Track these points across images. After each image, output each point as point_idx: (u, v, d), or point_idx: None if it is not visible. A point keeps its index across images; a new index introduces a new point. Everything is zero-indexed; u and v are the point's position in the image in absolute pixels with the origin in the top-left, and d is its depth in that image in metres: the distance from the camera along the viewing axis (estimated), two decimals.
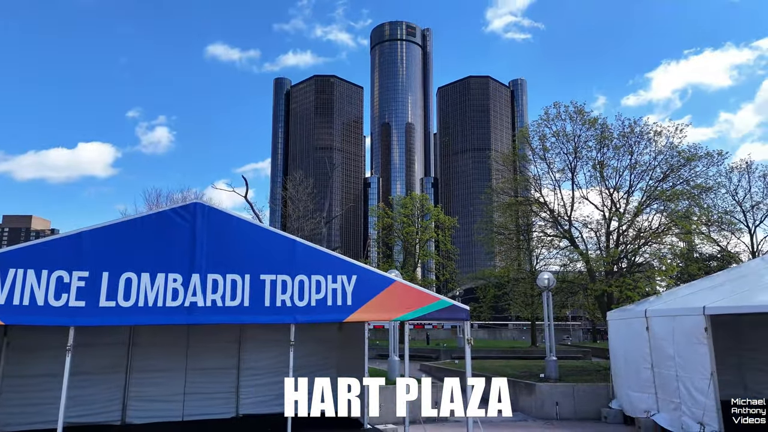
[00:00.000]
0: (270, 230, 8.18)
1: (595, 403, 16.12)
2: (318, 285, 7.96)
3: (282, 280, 7.82)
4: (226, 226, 7.77)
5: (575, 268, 22.93)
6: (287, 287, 7.82)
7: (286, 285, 7.82)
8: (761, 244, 28.34)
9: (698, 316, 11.87)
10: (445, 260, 41.11)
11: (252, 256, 7.75)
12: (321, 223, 25.24)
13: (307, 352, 14.13)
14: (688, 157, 19.09)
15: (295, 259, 7.96)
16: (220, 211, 7.83)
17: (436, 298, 8.53)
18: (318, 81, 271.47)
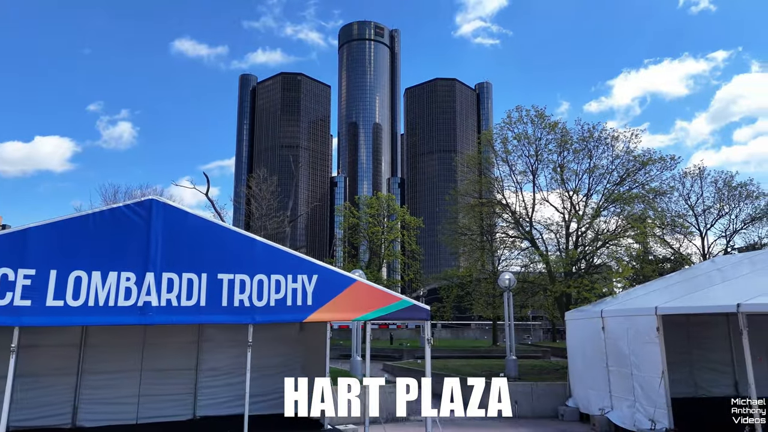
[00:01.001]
0: (229, 228, 8.02)
1: (553, 401, 16.44)
2: (278, 284, 7.84)
3: (240, 280, 7.67)
4: (183, 223, 7.57)
5: (536, 269, 23.39)
6: (246, 287, 7.68)
7: (244, 284, 7.68)
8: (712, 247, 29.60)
9: (651, 316, 12.26)
10: (410, 260, 41.31)
11: (209, 255, 7.58)
12: (285, 222, 24.90)
13: (268, 353, 13.98)
14: (643, 161, 19.78)
15: (255, 258, 7.83)
16: (176, 209, 7.63)
17: (398, 298, 8.54)
18: (285, 78, 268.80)
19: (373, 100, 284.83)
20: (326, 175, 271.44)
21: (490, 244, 25.53)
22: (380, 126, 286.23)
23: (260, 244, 7.99)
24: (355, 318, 8.34)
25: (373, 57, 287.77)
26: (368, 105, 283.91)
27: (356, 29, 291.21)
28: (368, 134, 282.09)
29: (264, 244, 8.03)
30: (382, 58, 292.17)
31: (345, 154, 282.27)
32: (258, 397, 13.81)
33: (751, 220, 29.10)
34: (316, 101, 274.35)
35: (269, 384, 13.99)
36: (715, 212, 28.80)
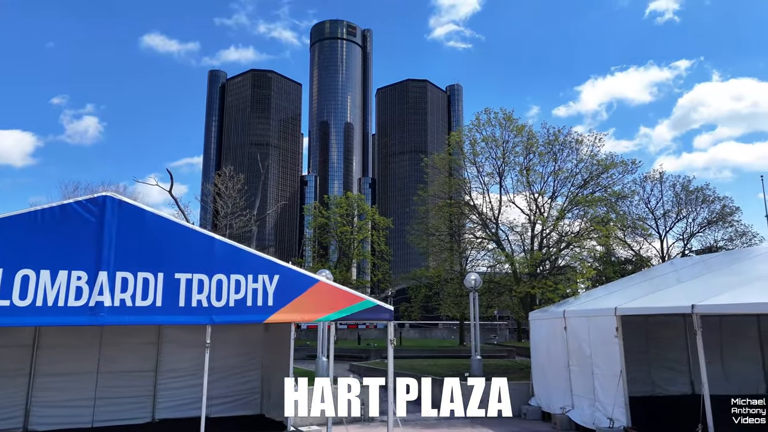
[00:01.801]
0: (187, 227, 7.83)
1: (516, 400, 16.56)
2: (237, 284, 7.69)
3: (199, 279, 7.50)
4: (139, 221, 7.35)
5: (502, 270, 23.68)
6: (204, 286, 7.50)
7: (203, 284, 7.51)
8: (670, 249, 30.55)
9: (610, 316, 12.52)
10: (379, 261, 41.32)
11: (166, 254, 7.38)
12: (251, 220, 24.53)
13: (231, 353, 13.77)
14: (606, 165, 20.28)
15: (214, 258, 7.66)
16: (132, 205, 7.41)
17: (361, 299, 8.49)
18: (255, 75, 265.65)
19: (344, 99, 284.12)
20: (296, 174, 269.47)
21: (458, 244, 25.73)
22: (352, 125, 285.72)
23: (220, 243, 7.82)
24: (317, 319, 8.25)
25: (345, 56, 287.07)
26: (340, 104, 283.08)
27: (328, 28, 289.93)
28: (339, 134, 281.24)
29: (224, 243, 7.87)
30: (354, 57, 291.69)
31: (316, 153, 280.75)
32: (221, 399, 13.61)
33: (707, 223, 30.18)
34: (287, 99, 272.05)
35: (232, 385, 13.80)
36: (674, 216, 29.84)
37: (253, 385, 14.18)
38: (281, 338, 12.91)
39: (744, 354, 15.66)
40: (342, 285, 31.03)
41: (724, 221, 29.52)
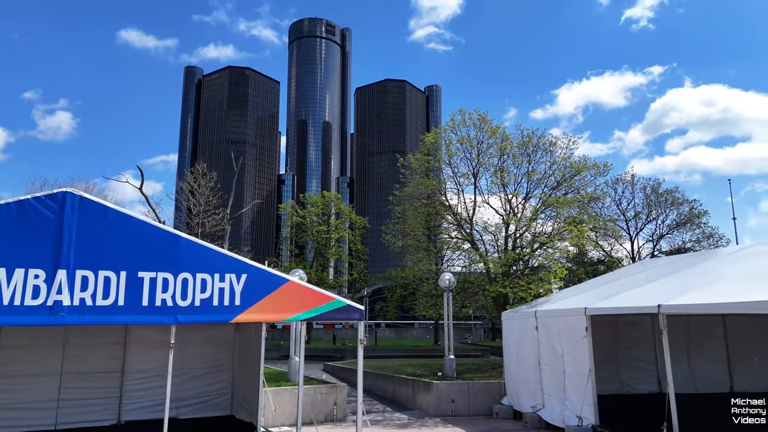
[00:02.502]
0: (152, 224, 7.63)
1: (489, 399, 16.72)
2: (203, 283, 7.52)
3: (163, 278, 7.31)
4: (101, 217, 7.13)
5: (476, 270, 23.83)
6: (169, 285, 7.32)
7: (167, 283, 7.32)
8: (641, 249, 31.18)
9: (580, 316, 12.68)
10: (354, 260, 41.20)
11: (130, 252, 7.17)
12: (224, 219, 24.20)
13: (201, 353, 13.54)
14: (579, 168, 20.56)
15: (179, 256, 7.48)
16: (94, 202, 7.18)
17: (331, 298, 8.40)
18: (232, 72, 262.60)
19: (323, 98, 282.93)
20: (274, 173, 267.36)
21: (434, 245, 25.79)
22: (330, 124, 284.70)
23: (185, 241, 7.64)
24: (286, 318, 8.14)
25: (323, 55, 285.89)
26: (318, 103, 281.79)
27: (307, 26, 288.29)
28: (318, 132, 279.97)
29: (189, 241, 7.70)
30: (332, 56, 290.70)
31: (293, 152, 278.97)
32: (190, 400, 13.39)
33: (676, 225, 30.90)
34: (265, 97, 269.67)
35: (202, 386, 13.57)
36: (644, 217, 30.47)
37: (223, 385, 13.98)
38: (252, 338, 12.73)
39: (710, 353, 15.94)
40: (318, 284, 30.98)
41: (692, 223, 30.31)
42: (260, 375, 11.90)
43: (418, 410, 17.17)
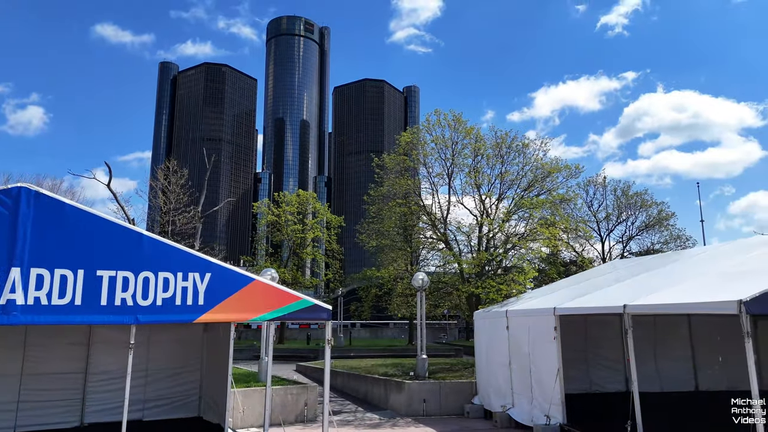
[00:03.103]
0: (112, 221, 7.41)
1: (460, 399, 16.77)
2: (166, 282, 7.34)
3: (123, 277, 7.11)
4: (58, 214, 6.90)
5: (451, 270, 23.93)
6: (129, 284, 7.12)
7: (128, 282, 7.13)
8: (612, 250, 31.77)
9: (549, 316, 12.81)
10: (330, 260, 41.03)
11: (88, 249, 6.96)
12: (195, 217, 23.80)
13: (168, 354, 13.29)
14: (550, 169, 20.82)
15: (141, 254, 7.28)
16: (51, 198, 6.95)
17: (297, 298, 8.29)
18: (209, 69, 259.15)
19: (301, 96, 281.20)
20: (250, 171, 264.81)
21: (409, 244, 25.80)
22: (308, 123, 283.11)
23: (147, 239, 7.45)
24: (252, 318, 8.00)
25: (302, 53, 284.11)
26: (296, 101, 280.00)
27: (285, 23, 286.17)
28: (295, 131, 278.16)
29: (152, 240, 7.51)
30: (311, 54, 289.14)
31: (270, 150, 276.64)
32: (157, 401, 13.15)
33: (645, 227, 31.60)
34: (242, 94, 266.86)
35: (169, 387, 13.32)
36: (614, 219, 31.09)
37: (191, 386, 13.74)
38: (221, 338, 12.55)
39: (675, 353, 16.22)
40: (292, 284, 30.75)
41: (660, 225, 31.04)
42: (228, 376, 11.74)
43: (390, 410, 17.14)
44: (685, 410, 13.94)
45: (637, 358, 16.36)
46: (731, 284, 9.65)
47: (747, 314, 7.79)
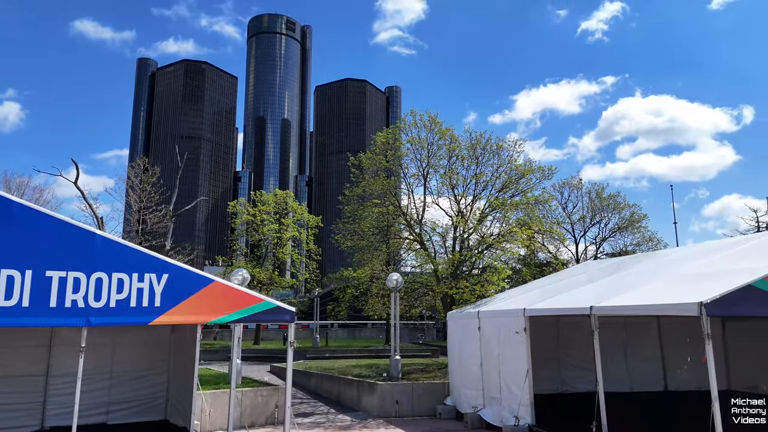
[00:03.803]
0: (63, 220, 7.17)
1: (433, 400, 16.72)
2: (120, 284, 7.12)
3: (75, 278, 6.87)
4: (6, 213, 6.63)
5: (427, 270, 23.92)
6: (81, 286, 6.88)
7: (79, 283, 6.89)
8: (585, 253, 32.11)
9: (519, 316, 12.83)
10: (306, 260, 40.75)
11: (37, 249, 6.70)
12: (167, 216, 23.36)
13: (134, 356, 13.00)
14: (524, 171, 20.94)
15: (94, 255, 7.05)
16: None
17: (260, 300, 8.13)
18: (188, 66, 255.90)
19: (282, 95, 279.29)
20: (230, 170, 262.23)
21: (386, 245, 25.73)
22: (289, 122, 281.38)
23: (101, 239, 7.22)
24: (211, 321, 7.82)
25: (283, 51, 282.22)
26: (277, 100, 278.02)
27: (266, 21, 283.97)
28: (276, 130, 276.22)
29: (106, 239, 7.28)
30: (292, 53, 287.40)
31: (251, 149, 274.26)
32: (123, 404, 12.86)
33: (618, 229, 32.07)
34: (222, 92, 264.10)
35: (135, 389, 13.03)
36: (588, 220, 31.48)
37: (158, 389, 13.45)
38: (189, 340, 12.31)
39: (645, 353, 16.36)
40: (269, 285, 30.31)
41: (632, 227, 31.55)
42: (194, 377, 11.51)
43: (363, 411, 17.03)
44: (653, 410, 14.11)
45: (608, 359, 16.53)
46: (696, 286, 9.75)
47: (707, 316, 7.86)
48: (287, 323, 8.41)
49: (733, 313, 8.38)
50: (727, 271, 10.05)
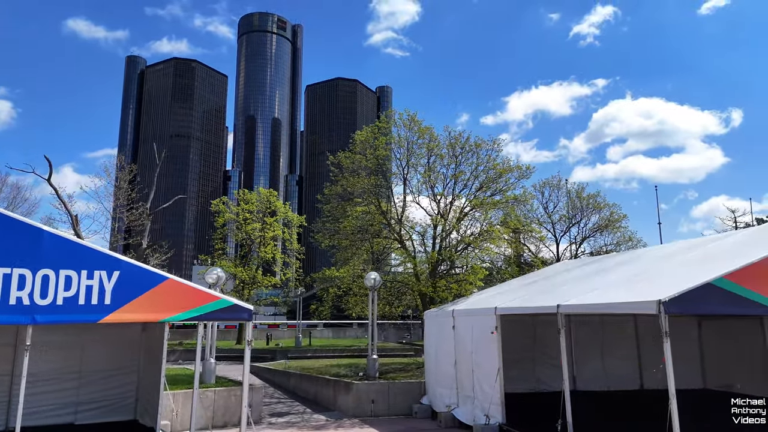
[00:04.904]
0: (7, 215, 7.02)
1: (409, 399, 16.68)
2: (68, 281, 6.98)
3: (20, 274, 6.72)
4: None
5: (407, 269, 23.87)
6: (26, 282, 6.74)
7: (24, 280, 6.74)
8: (565, 252, 32.27)
9: (491, 315, 12.81)
10: (290, 259, 40.60)
11: None
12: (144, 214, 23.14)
13: (103, 355, 12.84)
14: (501, 170, 20.95)
15: (41, 251, 6.91)
16: None
17: (216, 297, 8.02)
18: (178, 64, 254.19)
19: (272, 94, 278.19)
20: (219, 169, 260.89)
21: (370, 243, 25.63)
22: (279, 121, 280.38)
23: (48, 235, 7.08)
24: (164, 319, 7.70)
25: (274, 50, 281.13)
26: (267, 99, 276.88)
27: (257, 20, 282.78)
28: (266, 129, 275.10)
29: (54, 236, 7.14)
30: (283, 52, 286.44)
31: (241, 148, 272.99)
32: (91, 404, 12.70)
33: (598, 228, 32.29)
34: (212, 91, 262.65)
35: (104, 389, 12.88)
36: (568, 220, 31.66)
37: (127, 388, 13.31)
38: (159, 339, 12.17)
39: (622, 352, 16.41)
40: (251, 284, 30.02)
41: (612, 227, 31.79)
42: (161, 377, 11.38)
43: (339, 411, 16.96)
44: (625, 408, 14.12)
45: (585, 357, 16.59)
46: (659, 283, 9.77)
47: (665, 314, 7.87)
48: (245, 321, 8.30)
49: (692, 311, 8.40)
50: (691, 269, 10.09)
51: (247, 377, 8.90)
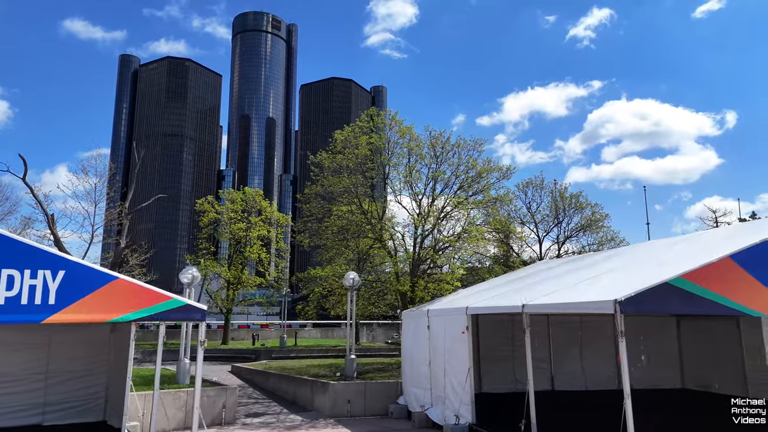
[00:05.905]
0: None
1: (385, 399, 16.61)
2: (10, 280, 6.86)
3: None
4: None
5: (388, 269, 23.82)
6: None
7: None
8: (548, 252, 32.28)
9: (462, 315, 12.75)
10: (276, 259, 40.45)
11: None
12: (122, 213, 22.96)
13: (72, 355, 12.71)
14: (481, 170, 20.89)
15: None
16: None
17: (168, 297, 7.91)
18: (172, 63, 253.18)
19: (267, 93, 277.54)
20: (213, 168, 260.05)
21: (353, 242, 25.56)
22: (274, 120, 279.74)
23: None
24: (113, 319, 7.59)
25: (268, 50, 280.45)
26: (262, 98, 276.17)
27: (252, 19, 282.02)
28: (261, 128, 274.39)
29: None
30: (278, 51, 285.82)
31: (235, 148, 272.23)
32: (59, 405, 12.58)
33: (580, 228, 32.37)
34: (206, 90, 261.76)
35: (73, 390, 12.76)
36: (551, 220, 31.74)
37: (96, 389, 13.18)
38: (126, 340, 12.05)
39: (600, 352, 16.38)
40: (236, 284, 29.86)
41: (594, 226, 31.88)
42: (128, 378, 11.28)
43: (315, 411, 16.87)
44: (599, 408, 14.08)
45: (563, 357, 16.56)
46: (621, 283, 9.73)
47: (621, 314, 7.83)
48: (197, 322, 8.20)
49: (648, 311, 8.36)
50: (655, 268, 10.05)
51: (199, 378, 8.81)
